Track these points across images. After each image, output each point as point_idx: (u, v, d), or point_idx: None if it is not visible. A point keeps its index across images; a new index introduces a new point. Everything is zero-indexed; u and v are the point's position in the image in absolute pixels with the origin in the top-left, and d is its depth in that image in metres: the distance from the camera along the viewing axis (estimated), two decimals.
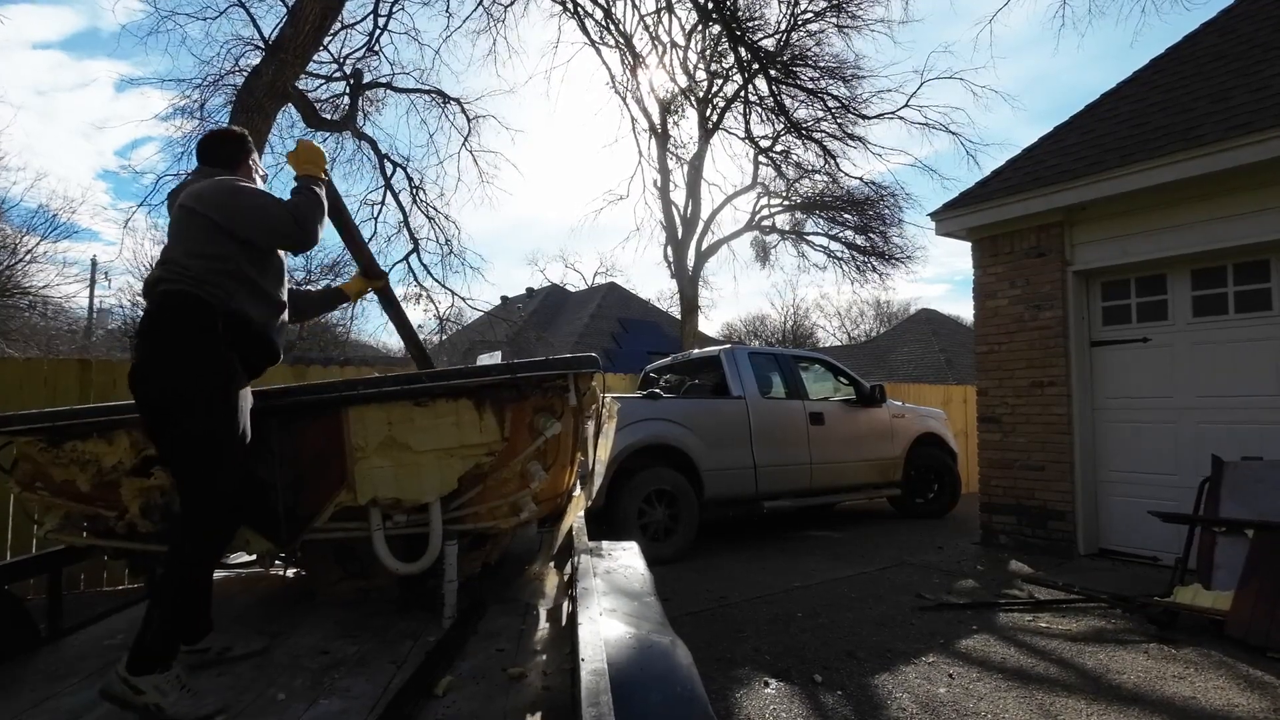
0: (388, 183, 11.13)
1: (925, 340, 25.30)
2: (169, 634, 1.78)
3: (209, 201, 2.04)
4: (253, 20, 9.63)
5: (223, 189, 2.08)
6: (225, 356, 1.99)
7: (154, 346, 1.97)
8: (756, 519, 7.31)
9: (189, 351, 1.95)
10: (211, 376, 1.95)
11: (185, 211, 2.06)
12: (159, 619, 1.79)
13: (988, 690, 2.98)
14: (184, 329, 1.96)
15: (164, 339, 1.96)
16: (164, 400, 1.93)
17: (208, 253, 2.02)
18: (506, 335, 18.92)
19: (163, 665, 1.73)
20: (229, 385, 1.97)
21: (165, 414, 1.93)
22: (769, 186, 17.48)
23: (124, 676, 1.70)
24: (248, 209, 2.06)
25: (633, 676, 1.22)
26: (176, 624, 1.82)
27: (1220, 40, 5.93)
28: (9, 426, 2.37)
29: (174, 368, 1.94)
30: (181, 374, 1.93)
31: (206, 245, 2.02)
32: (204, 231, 2.03)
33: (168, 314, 1.98)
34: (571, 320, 25.39)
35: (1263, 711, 2.74)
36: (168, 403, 1.92)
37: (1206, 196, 4.92)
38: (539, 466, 2.33)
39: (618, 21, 13.09)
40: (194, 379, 1.93)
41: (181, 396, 1.92)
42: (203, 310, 1.97)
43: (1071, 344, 5.63)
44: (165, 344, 1.96)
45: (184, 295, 1.97)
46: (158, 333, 1.97)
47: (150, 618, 1.82)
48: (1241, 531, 3.86)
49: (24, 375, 4.97)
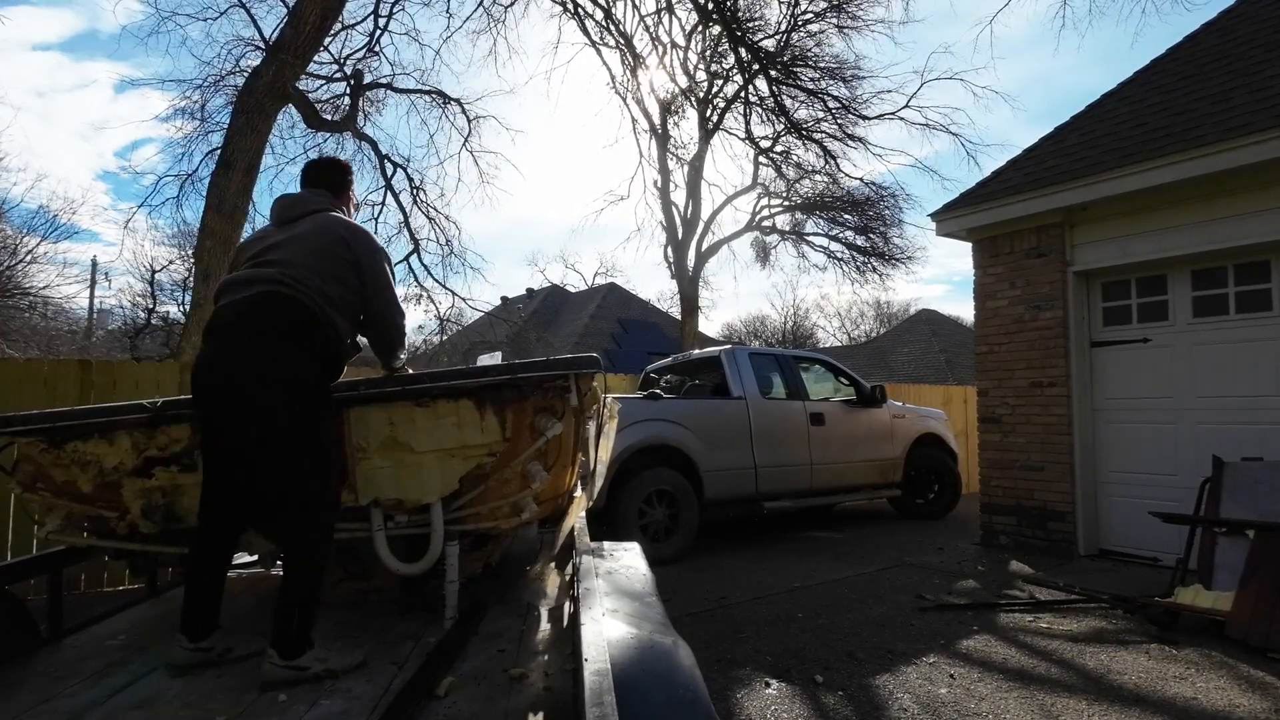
0: (388, 183, 11.14)
1: (925, 341, 25.32)
2: (309, 618, 1.92)
3: (362, 248, 2.22)
4: (253, 21, 9.65)
5: (376, 249, 2.27)
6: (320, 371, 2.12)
7: (275, 353, 1.99)
8: (757, 520, 7.31)
9: (308, 365, 2.04)
10: (326, 395, 2.11)
11: (336, 240, 2.17)
12: (300, 610, 1.91)
13: (989, 691, 2.98)
14: (294, 337, 2.03)
15: (285, 348, 2.00)
16: (277, 408, 1.95)
17: (340, 283, 2.15)
18: (507, 336, 18.91)
19: (310, 643, 1.91)
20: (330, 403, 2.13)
21: (271, 423, 1.95)
22: (769, 187, 17.49)
23: (285, 664, 1.85)
24: (386, 281, 2.28)
25: (635, 677, 1.22)
26: (314, 609, 1.95)
27: (1220, 41, 5.94)
28: (10, 427, 2.36)
29: (295, 378, 2.00)
30: (302, 385, 2.00)
31: (343, 277, 2.17)
32: (343, 267, 2.17)
33: (289, 320, 2.03)
34: (572, 321, 25.39)
35: (1264, 712, 2.74)
36: (281, 410, 1.96)
37: (1207, 197, 4.92)
38: (540, 467, 2.33)
39: (618, 22, 13.10)
40: (316, 394, 2.05)
41: (301, 407, 1.99)
42: (315, 328, 2.07)
43: (1072, 344, 5.63)
44: (288, 353, 2.00)
45: (301, 306, 2.05)
46: (278, 339, 2.00)
47: (284, 612, 1.90)
48: (1242, 532, 3.86)
49: (24, 376, 4.96)
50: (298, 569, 1.97)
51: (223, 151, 6.99)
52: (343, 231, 2.20)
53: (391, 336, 2.36)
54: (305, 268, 2.09)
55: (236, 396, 1.96)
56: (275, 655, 1.86)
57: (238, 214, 7.00)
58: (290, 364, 1.99)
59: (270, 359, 1.97)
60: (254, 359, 1.97)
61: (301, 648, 1.88)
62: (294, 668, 1.85)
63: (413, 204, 11.46)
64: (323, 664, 1.88)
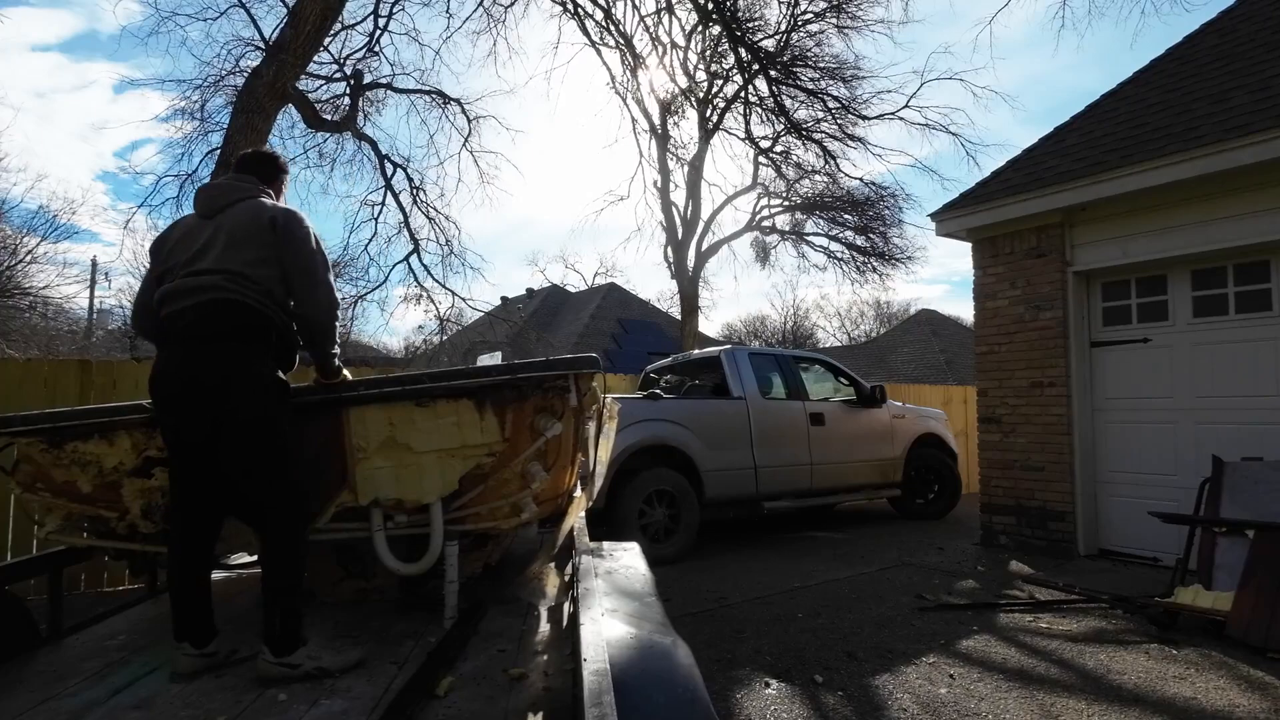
0: (388, 183, 11.12)
1: (925, 341, 25.32)
2: (294, 615, 1.94)
3: (290, 227, 2.13)
4: (253, 21, 9.63)
5: (305, 227, 2.17)
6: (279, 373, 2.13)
7: (230, 356, 2.01)
8: (757, 520, 7.30)
9: (265, 363, 2.07)
10: (284, 390, 2.12)
11: (264, 227, 2.10)
12: (283, 608, 1.93)
13: (989, 691, 2.98)
14: (252, 341, 2.06)
15: (240, 350, 2.02)
16: (239, 409, 1.98)
17: (270, 273, 2.10)
18: (507, 336, 18.92)
19: (301, 640, 1.93)
20: (289, 398, 2.16)
21: (235, 424, 1.98)
22: (769, 187, 17.49)
23: (278, 661, 1.88)
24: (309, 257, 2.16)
25: (635, 677, 1.22)
26: (297, 606, 1.96)
27: (1220, 41, 5.94)
28: (10, 427, 2.37)
29: (250, 377, 2.02)
30: (261, 385, 2.03)
31: (269, 265, 2.11)
32: (273, 251, 2.11)
33: (238, 324, 2.03)
34: (571, 321, 25.39)
35: (1264, 712, 2.74)
36: (244, 411, 1.98)
37: (1207, 197, 4.92)
38: (540, 467, 2.33)
39: (618, 22, 13.09)
40: (275, 391, 2.07)
41: (263, 407, 2.02)
42: (265, 327, 2.09)
43: (1071, 344, 5.63)
44: (243, 354, 2.02)
45: (248, 309, 2.05)
46: (230, 342, 2.02)
47: (270, 612, 1.92)
48: (1242, 532, 3.86)
49: (24, 376, 4.96)
50: (274, 566, 1.99)
51: (222, 151, 6.98)
52: (270, 214, 2.14)
53: (319, 317, 2.19)
54: (241, 264, 2.07)
55: (200, 402, 1.98)
56: (268, 652, 1.89)
57: None
58: (246, 365, 2.02)
59: (227, 363, 2.00)
60: (212, 365, 1.99)
61: (293, 644, 1.90)
62: (286, 664, 1.87)
63: (413, 204, 11.44)
64: (315, 662, 1.90)
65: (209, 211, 2.18)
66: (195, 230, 2.16)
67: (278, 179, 2.43)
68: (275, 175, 2.42)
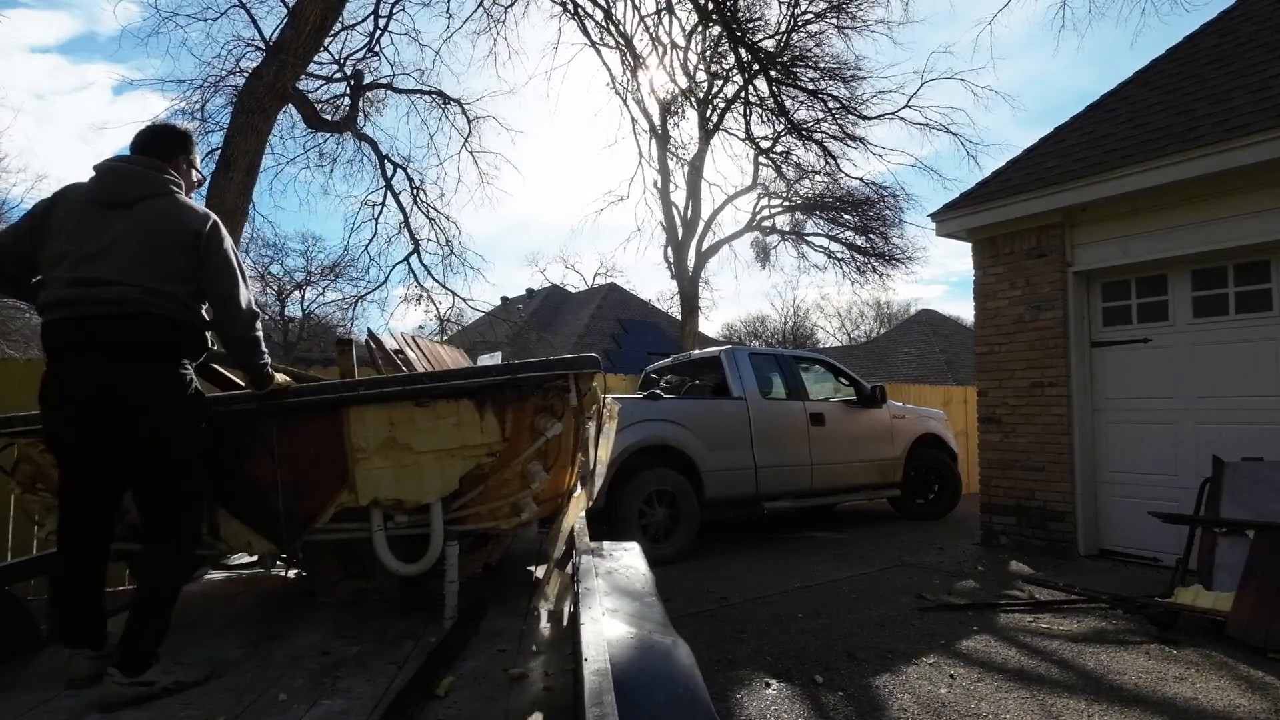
0: (388, 184, 11.13)
1: (925, 341, 25.33)
2: (162, 634, 1.91)
3: (213, 239, 2.00)
4: (253, 21, 9.66)
5: (225, 237, 2.05)
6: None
7: (149, 374, 1.95)
8: (757, 520, 7.30)
9: (183, 376, 2.03)
10: (200, 404, 2.09)
11: (187, 236, 1.96)
12: (155, 625, 1.89)
13: (989, 691, 2.98)
14: (173, 356, 2.01)
15: (158, 367, 1.97)
16: (160, 427, 1.93)
17: (187, 288, 2.00)
18: (507, 336, 18.92)
19: (155, 656, 1.87)
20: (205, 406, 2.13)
21: (154, 440, 1.93)
22: (769, 187, 17.48)
23: (131, 681, 1.79)
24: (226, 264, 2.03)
25: (635, 677, 1.22)
26: (168, 623, 1.93)
27: (1220, 41, 5.94)
28: (10, 428, 2.37)
29: (172, 395, 1.99)
30: (180, 399, 2.00)
31: (186, 280, 2.00)
32: (189, 264, 1.99)
33: (154, 340, 1.95)
34: (571, 321, 25.38)
35: (1264, 712, 2.74)
36: (159, 429, 1.93)
37: (1207, 197, 4.92)
38: (540, 467, 2.34)
39: (618, 22, 13.09)
40: (193, 407, 2.05)
41: (182, 421, 2.00)
42: (183, 338, 2.04)
43: (1071, 345, 5.63)
44: (158, 370, 1.97)
45: (166, 323, 1.97)
46: (148, 360, 1.95)
47: (137, 627, 1.86)
48: (1242, 532, 3.86)
49: (24, 376, 4.96)
50: (160, 579, 1.95)
51: (223, 152, 6.98)
52: (194, 226, 1.98)
53: (242, 333, 2.07)
54: (157, 279, 1.93)
55: (116, 417, 1.90)
56: (118, 674, 1.78)
57: (238, 214, 6.99)
58: (165, 381, 1.97)
59: (147, 380, 1.93)
60: (130, 382, 1.90)
61: (148, 661, 1.83)
62: (140, 684, 1.79)
63: (413, 204, 11.46)
64: (171, 676, 1.84)
65: (112, 201, 1.95)
66: (92, 219, 1.93)
67: (179, 155, 2.14)
68: (176, 151, 2.13)
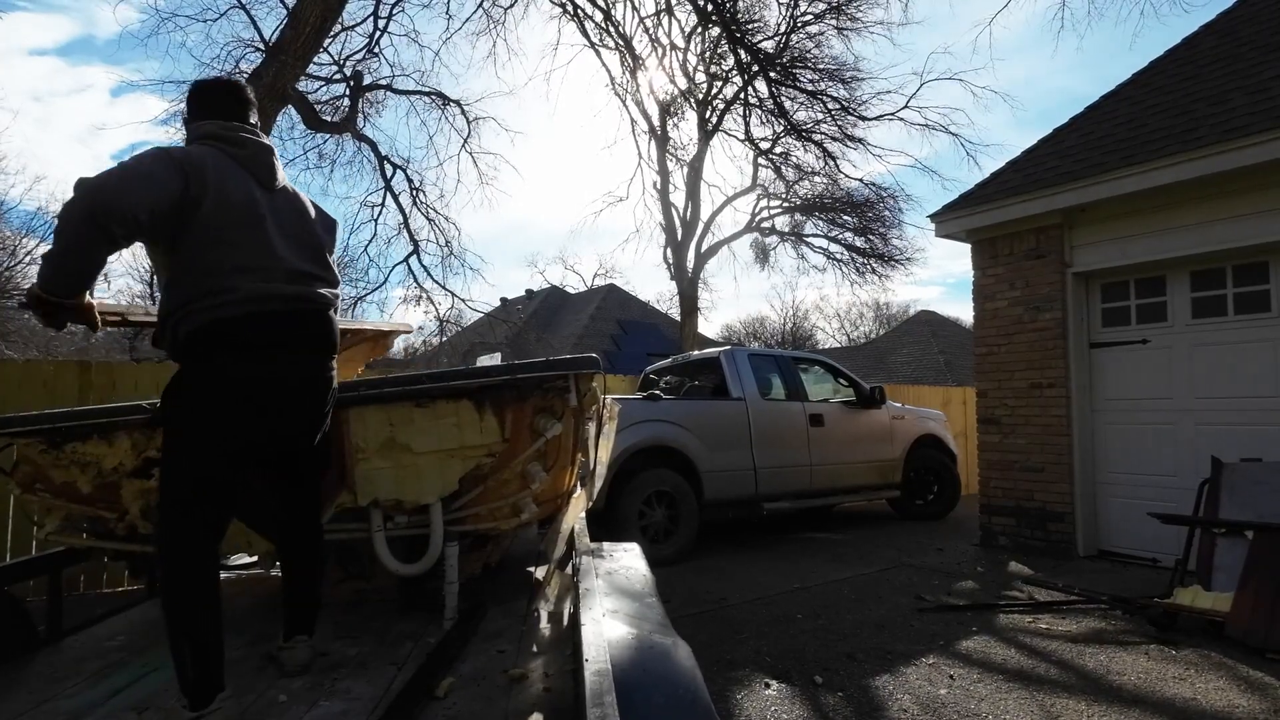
0: (388, 184, 11.15)
1: (925, 342, 25.32)
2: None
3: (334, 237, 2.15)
4: (253, 22, 9.65)
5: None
6: None
7: (331, 367, 1.98)
8: (756, 521, 7.30)
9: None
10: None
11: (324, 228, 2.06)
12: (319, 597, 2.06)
13: (988, 691, 2.98)
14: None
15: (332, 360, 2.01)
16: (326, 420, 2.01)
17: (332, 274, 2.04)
18: (506, 337, 18.91)
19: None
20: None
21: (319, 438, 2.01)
22: (769, 188, 17.50)
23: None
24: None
25: (636, 677, 1.22)
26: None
27: (1219, 42, 5.95)
28: (10, 428, 2.36)
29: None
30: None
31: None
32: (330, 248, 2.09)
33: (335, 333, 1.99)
34: (571, 322, 25.37)
35: (1263, 713, 2.74)
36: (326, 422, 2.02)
37: (1205, 198, 4.93)
38: (539, 467, 2.34)
39: (617, 23, 13.12)
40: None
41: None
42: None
43: (1070, 345, 5.64)
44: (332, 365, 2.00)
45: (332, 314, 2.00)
46: (332, 352, 1.99)
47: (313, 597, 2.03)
48: (1241, 533, 3.86)
49: (24, 377, 4.96)
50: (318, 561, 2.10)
51: None
52: (321, 215, 2.10)
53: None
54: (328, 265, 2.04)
55: (315, 416, 2.00)
56: (308, 639, 1.96)
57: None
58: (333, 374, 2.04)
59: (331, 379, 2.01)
60: (328, 381, 2.00)
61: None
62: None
63: (412, 205, 11.48)
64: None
65: (270, 184, 1.83)
66: (259, 202, 1.77)
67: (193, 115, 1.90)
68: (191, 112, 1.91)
